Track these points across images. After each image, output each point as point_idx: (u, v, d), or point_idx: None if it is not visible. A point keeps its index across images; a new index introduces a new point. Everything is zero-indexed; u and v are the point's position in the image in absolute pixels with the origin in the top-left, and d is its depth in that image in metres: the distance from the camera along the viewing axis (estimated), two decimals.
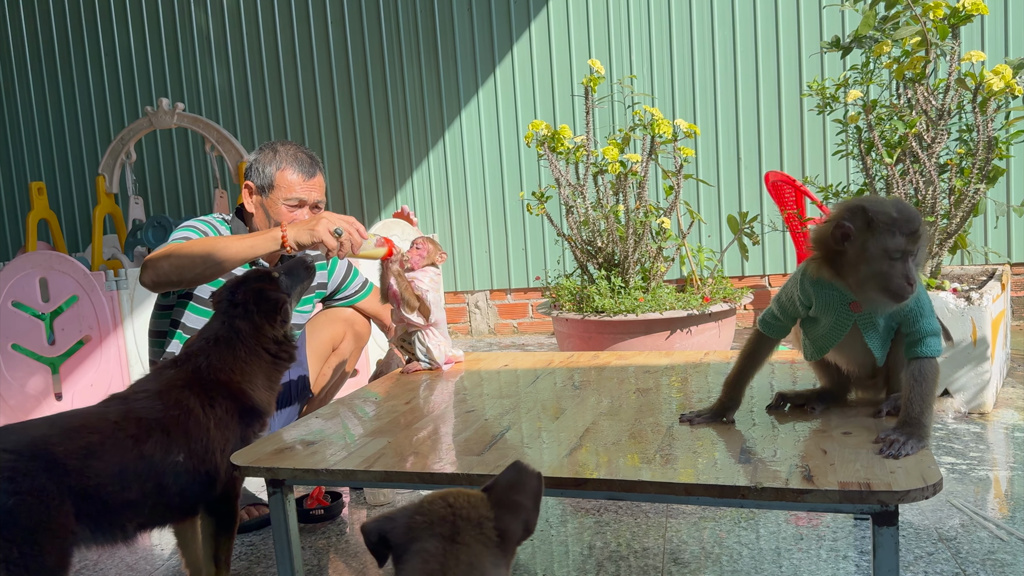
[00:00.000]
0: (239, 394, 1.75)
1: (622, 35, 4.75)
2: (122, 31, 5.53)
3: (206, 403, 1.70)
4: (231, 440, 1.72)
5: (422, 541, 0.93)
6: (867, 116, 2.91)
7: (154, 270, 1.96)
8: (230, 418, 1.72)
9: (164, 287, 2.00)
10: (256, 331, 1.80)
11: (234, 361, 1.77)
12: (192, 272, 1.96)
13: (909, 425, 1.35)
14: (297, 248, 1.98)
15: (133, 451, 1.56)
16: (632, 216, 3.16)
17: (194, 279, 1.98)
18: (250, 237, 1.98)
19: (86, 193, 5.72)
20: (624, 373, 2.05)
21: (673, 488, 1.28)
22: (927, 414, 1.36)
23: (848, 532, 1.99)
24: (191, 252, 1.95)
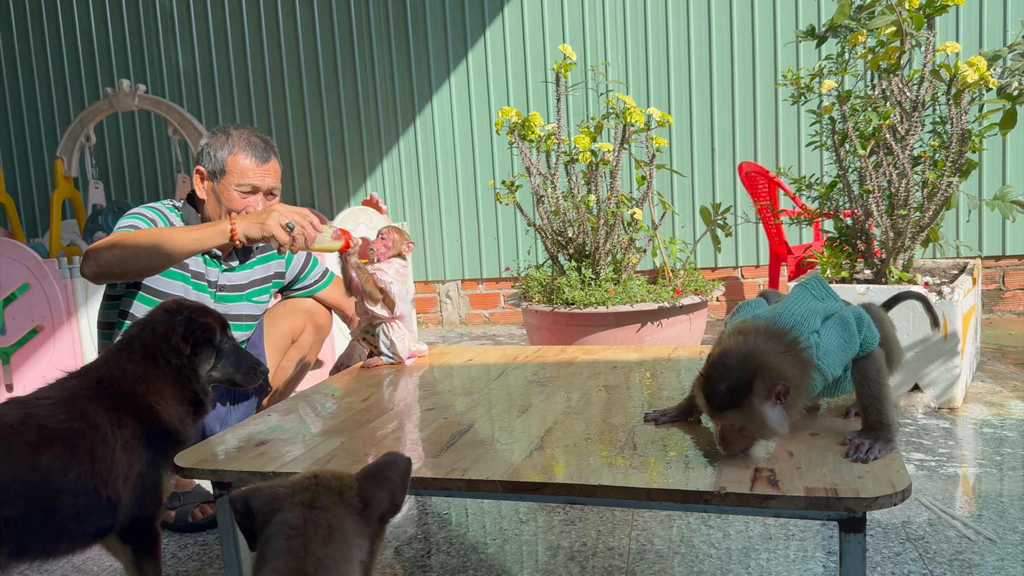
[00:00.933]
0: (147, 411, 1.60)
1: (596, 20, 4.67)
2: (82, 9, 5.36)
3: (115, 421, 1.54)
4: (136, 466, 1.56)
5: (283, 512, 0.93)
6: (841, 107, 2.87)
7: (96, 261, 1.87)
8: (138, 441, 1.56)
9: (107, 279, 1.91)
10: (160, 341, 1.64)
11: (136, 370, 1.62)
12: (136, 265, 1.87)
13: (874, 428, 1.31)
14: (247, 242, 1.88)
15: (27, 461, 1.41)
16: (603, 206, 3.10)
17: (138, 272, 1.89)
18: (197, 229, 1.89)
19: (45, 177, 5.56)
20: (591, 368, 2.00)
21: (634, 493, 1.22)
22: (887, 412, 1.30)
23: (816, 531, 1.95)
24: (136, 243, 1.86)
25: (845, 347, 1.33)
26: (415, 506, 2.24)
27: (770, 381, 1.25)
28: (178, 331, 1.65)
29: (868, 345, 1.33)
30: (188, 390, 1.66)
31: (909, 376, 2.83)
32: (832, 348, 1.32)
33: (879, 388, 1.32)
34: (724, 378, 1.26)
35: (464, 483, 1.30)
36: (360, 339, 2.20)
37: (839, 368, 1.35)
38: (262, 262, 2.35)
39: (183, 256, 1.89)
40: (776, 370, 1.26)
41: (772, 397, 1.25)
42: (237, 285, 2.29)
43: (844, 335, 1.33)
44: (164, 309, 1.70)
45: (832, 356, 1.32)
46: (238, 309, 2.29)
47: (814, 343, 1.32)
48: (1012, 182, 4.30)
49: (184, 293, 2.18)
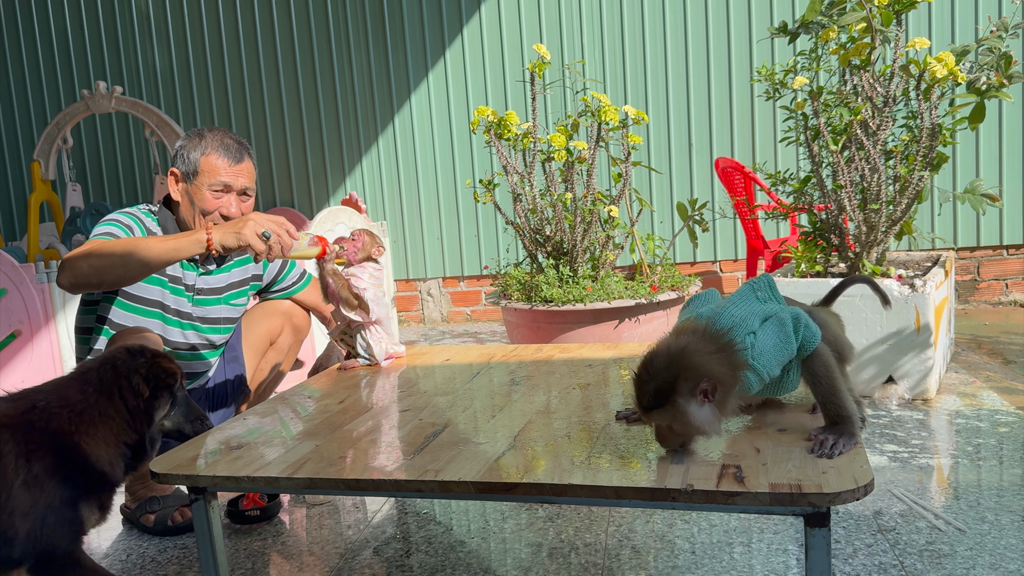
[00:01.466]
0: (70, 448, 1.50)
1: (573, 19, 4.69)
2: (57, 10, 5.32)
3: (25, 454, 1.44)
4: (42, 503, 1.46)
5: None
6: (813, 103, 2.90)
7: (72, 271, 1.86)
8: (50, 477, 1.47)
9: (83, 289, 1.91)
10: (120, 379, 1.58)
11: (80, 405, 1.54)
12: (112, 274, 1.87)
13: (835, 423, 1.33)
14: (223, 251, 1.89)
15: None
16: (580, 204, 3.12)
17: (114, 281, 1.89)
18: (173, 239, 1.89)
19: (22, 180, 5.51)
20: (567, 367, 2.01)
21: (603, 492, 1.24)
22: (845, 405, 1.32)
23: (790, 524, 1.98)
24: (112, 252, 1.86)
25: (782, 348, 1.35)
26: (395, 506, 2.25)
27: (695, 380, 1.28)
28: (140, 372, 1.60)
29: (808, 344, 1.35)
30: (135, 433, 1.59)
31: (883, 368, 2.87)
32: (767, 349, 1.35)
33: (831, 383, 1.34)
34: (651, 379, 1.30)
35: (437, 485, 1.32)
36: (338, 340, 2.21)
37: (776, 368, 1.37)
38: (239, 265, 2.35)
39: (159, 266, 1.89)
40: (702, 369, 1.28)
41: (698, 395, 1.28)
42: (214, 288, 2.29)
43: (780, 336, 1.35)
44: (127, 349, 1.64)
45: (767, 356, 1.35)
46: (216, 312, 2.29)
47: (749, 344, 1.34)
48: (985, 175, 4.35)
49: (162, 298, 2.18)
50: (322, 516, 2.23)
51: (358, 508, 2.27)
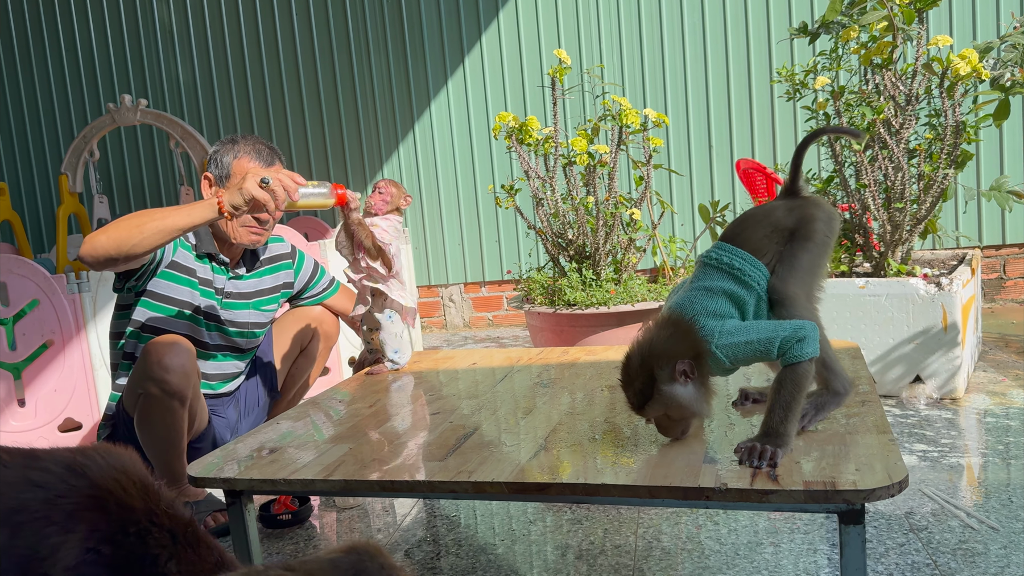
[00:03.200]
0: None
1: (591, 23, 4.70)
2: (83, 25, 5.41)
3: None
4: None
5: None
6: (835, 102, 2.90)
7: (92, 245, 1.88)
8: None
9: (104, 262, 1.91)
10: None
11: None
12: (129, 243, 1.86)
13: (769, 434, 1.31)
14: (233, 211, 1.87)
15: None
16: (602, 207, 3.13)
17: (132, 249, 1.87)
18: (188, 206, 1.90)
19: (50, 193, 5.60)
20: (594, 369, 2.02)
21: (637, 491, 1.25)
22: (788, 424, 1.31)
23: (821, 524, 1.98)
24: (128, 223, 1.87)
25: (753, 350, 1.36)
26: (424, 509, 2.27)
27: (670, 364, 1.34)
28: None
29: (793, 358, 1.34)
30: None
31: (910, 367, 2.85)
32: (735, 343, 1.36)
33: (792, 400, 1.33)
34: (633, 379, 1.37)
35: (470, 485, 1.33)
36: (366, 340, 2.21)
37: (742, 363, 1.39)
38: (270, 272, 2.38)
39: (175, 232, 1.88)
40: (672, 352, 1.35)
41: (679, 377, 1.35)
42: (243, 293, 2.32)
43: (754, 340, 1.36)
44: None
45: (732, 349, 1.37)
46: (243, 317, 2.33)
47: (712, 328, 1.37)
48: (1009, 172, 4.31)
49: (191, 299, 2.22)
50: (352, 520, 2.25)
51: (387, 512, 2.28)
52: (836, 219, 1.50)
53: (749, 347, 1.37)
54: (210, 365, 2.31)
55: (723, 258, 1.46)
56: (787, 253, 1.45)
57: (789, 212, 1.48)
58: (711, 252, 1.49)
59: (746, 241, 1.46)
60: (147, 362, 2.03)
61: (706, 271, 1.48)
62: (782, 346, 1.35)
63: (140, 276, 2.14)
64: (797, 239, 1.46)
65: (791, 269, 1.44)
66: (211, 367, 2.32)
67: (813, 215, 1.46)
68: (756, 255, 1.44)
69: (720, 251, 1.47)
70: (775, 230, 1.47)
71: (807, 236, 1.45)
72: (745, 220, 1.51)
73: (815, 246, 1.45)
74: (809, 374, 1.35)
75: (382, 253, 2.04)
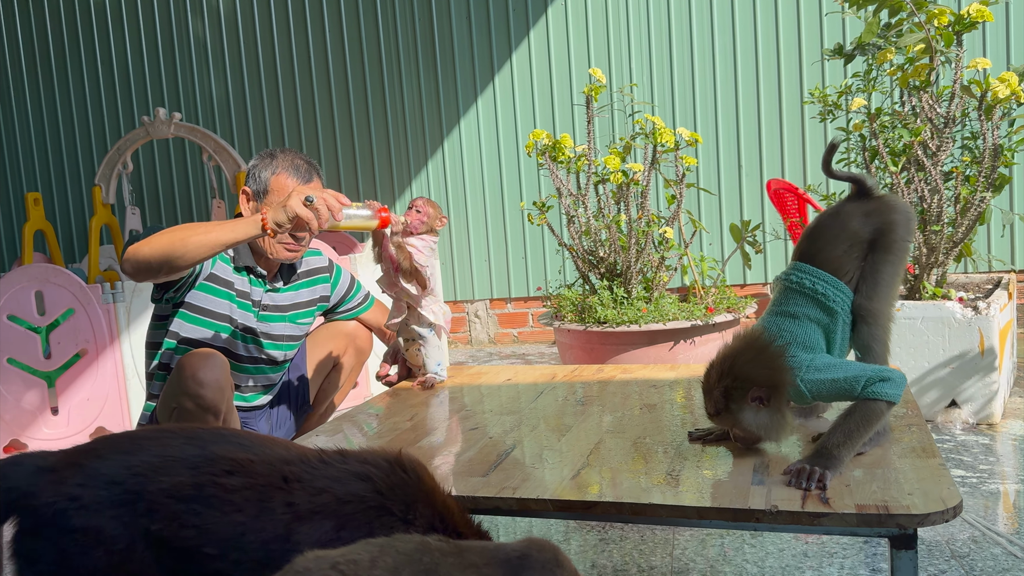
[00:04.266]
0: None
1: (621, 43, 4.72)
2: (118, 39, 5.50)
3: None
4: None
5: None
6: (871, 124, 2.89)
7: (135, 255, 1.89)
8: None
9: (145, 274, 1.92)
10: None
11: None
12: (172, 256, 1.87)
13: (822, 455, 1.30)
14: (277, 228, 1.88)
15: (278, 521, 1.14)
16: (635, 226, 3.13)
17: (175, 262, 1.87)
18: (232, 222, 1.92)
19: (82, 204, 5.68)
20: (629, 388, 2.02)
21: (685, 512, 1.24)
22: (844, 450, 1.31)
23: (859, 549, 1.95)
24: (171, 236, 1.88)
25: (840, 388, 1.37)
26: None
27: (745, 388, 1.36)
28: None
29: (872, 393, 1.33)
30: None
31: (945, 392, 2.82)
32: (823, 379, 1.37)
33: (857, 430, 1.33)
34: (711, 388, 1.40)
35: (515, 502, 1.33)
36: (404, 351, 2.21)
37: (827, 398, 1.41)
38: (307, 285, 2.40)
39: (218, 247, 1.88)
40: (751, 377, 1.36)
41: (751, 402, 1.37)
42: (280, 306, 2.34)
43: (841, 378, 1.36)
44: None
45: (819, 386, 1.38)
46: (279, 329, 2.34)
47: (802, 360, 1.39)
48: None
49: (229, 312, 2.23)
50: None
51: None
52: (914, 218, 1.49)
53: (834, 385, 1.37)
54: (244, 377, 2.32)
55: (805, 282, 1.44)
56: (869, 268, 1.44)
57: (866, 219, 1.46)
58: (792, 275, 1.47)
59: (826, 261, 1.45)
60: (182, 376, 2.03)
61: (788, 295, 1.46)
62: (865, 384, 1.34)
63: (179, 288, 2.16)
64: (878, 251, 1.44)
65: (875, 286, 1.43)
66: (245, 379, 2.33)
67: (892, 221, 1.44)
68: (837, 274, 1.43)
69: (802, 274, 1.46)
70: (853, 243, 1.45)
71: (888, 247, 1.44)
72: (821, 233, 1.49)
73: (896, 258, 1.44)
74: (881, 413, 1.34)
75: (417, 274, 2.05)
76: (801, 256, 1.49)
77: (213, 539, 1.14)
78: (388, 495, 1.16)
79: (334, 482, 1.17)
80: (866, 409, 1.34)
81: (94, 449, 1.22)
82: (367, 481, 1.17)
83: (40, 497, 1.17)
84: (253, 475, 1.17)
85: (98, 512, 1.16)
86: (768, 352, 1.38)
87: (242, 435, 1.25)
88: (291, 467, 1.19)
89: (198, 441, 1.22)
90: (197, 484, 1.16)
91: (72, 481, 1.18)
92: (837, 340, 1.44)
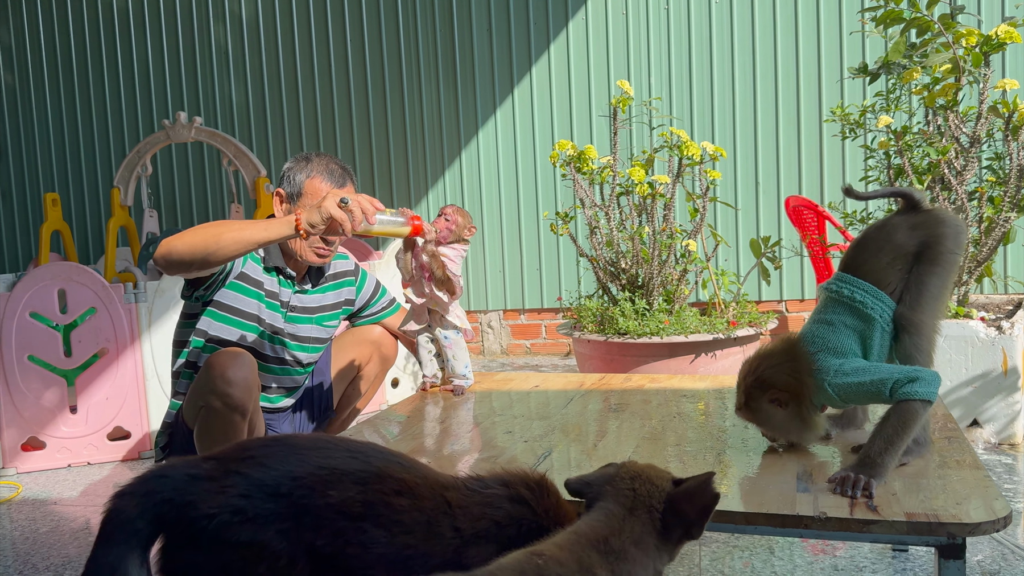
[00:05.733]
0: None
1: (641, 58, 4.75)
2: (139, 43, 5.54)
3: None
4: None
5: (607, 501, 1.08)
6: (898, 142, 2.90)
7: (168, 248, 1.90)
8: None
9: (177, 268, 1.93)
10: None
11: None
12: (205, 251, 1.87)
13: (865, 464, 1.30)
14: (311, 229, 1.88)
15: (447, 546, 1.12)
16: (658, 238, 3.14)
17: (207, 258, 1.88)
18: (265, 221, 1.92)
19: (99, 205, 5.70)
20: (660, 396, 2.02)
21: (732, 517, 1.24)
22: (888, 456, 1.31)
23: (888, 564, 1.94)
24: (205, 231, 1.89)
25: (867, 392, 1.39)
26: None
27: (765, 389, 1.43)
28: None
29: (904, 394, 1.34)
30: None
31: (967, 411, 2.81)
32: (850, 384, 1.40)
33: (896, 434, 1.32)
34: (741, 383, 1.48)
35: None
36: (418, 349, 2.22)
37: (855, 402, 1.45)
38: (334, 288, 2.40)
39: (252, 245, 1.89)
40: (771, 380, 1.43)
41: (771, 403, 1.44)
42: (307, 308, 2.34)
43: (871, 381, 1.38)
44: None
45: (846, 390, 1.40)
46: (306, 331, 2.34)
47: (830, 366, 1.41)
48: None
49: (258, 311, 2.24)
50: None
51: None
52: (963, 232, 1.48)
53: (861, 388, 1.39)
54: (270, 378, 2.33)
55: (844, 291, 1.46)
56: (914, 279, 1.44)
57: (912, 232, 1.46)
58: (832, 284, 1.49)
59: (869, 272, 1.46)
60: (210, 375, 2.03)
61: (829, 304, 1.48)
62: (894, 387, 1.35)
63: (210, 285, 2.17)
64: (924, 262, 1.44)
65: (919, 296, 1.43)
66: (270, 380, 2.33)
67: (940, 234, 1.44)
68: (879, 285, 1.44)
69: (841, 283, 1.47)
70: (897, 256, 1.45)
71: (934, 259, 1.44)
72: (866, 246, 1.50)
73: (943, 270, 1.44)
74: (918, 414, 1.33)
75: (449, 283, 2.06)
76: (845, 267, 1.50)
77: (380, 561, 1.10)
78: (544, 517, 1.16)
79: (488, 507, 1.16)
80: (902, 412, 1.34)
81: (251, 457, 1.16)
82: (523, 504, 1.16)
83: (200, 508, 1.10)
84: (419, 497, 1.14)
85: (263, 525, 1.10)
86: (795, 358, 1.44)
87: (395, 453, 1.22)
88: (449, 492, 1.17)
89: (361, 455, 1.18)
90: (367, 502, 1.12)
91: (234, 491, 1.11)
92: (875, 347, 1.45)
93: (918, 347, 1.43)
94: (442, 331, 2.15)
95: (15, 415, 3.15)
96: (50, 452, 3.19)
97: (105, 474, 3.11)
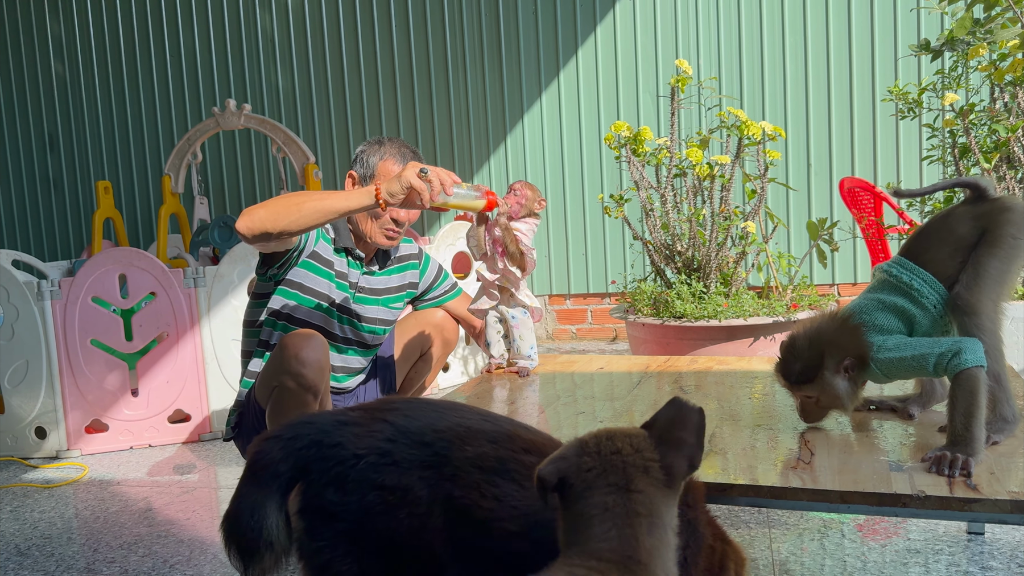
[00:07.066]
0: None
1: (690, 40, 4.70)
2: (187, 32, 5.60)
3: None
4: None
5: (599, 493, 0.95)
6: (964, 120, 2.84)
7: (250, 216, 1.92)
8: None
9: (259, 236, 1.94)
10: None
11: None
12: (287, 219, 1.89)
13: (956, 443, 1.30)
14: (390, 199, 1.90)
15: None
16: (716, 220, 3.11)
17: (288, 226, 1.90)
18: (346, 192, 1.94)
19: (150, 193, 5.79)
20: (732, 378, 2.00)
21: (828, 496, 1.23)
22: (973, 428, 1.30)
23: (964, 547, 1.92)
24: (287, 200, 1.92)
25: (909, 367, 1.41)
26: None
27: (839, 357, 1.43)
28: None
29: (955, 367, 1.33)
30: None
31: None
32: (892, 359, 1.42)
33: (968, 402, 1.31)
34: (798, 358, 1.46)
35: None
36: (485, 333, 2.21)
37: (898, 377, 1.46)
38: (399, 271, 2.42)
39: (332, 214, 1.91)
40: (845, 348, 1.44)
41: (841, 371, 1.44)
42: (374, 289, 2.36)
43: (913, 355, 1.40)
44: None
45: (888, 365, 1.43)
46: (373, 312, 2.36)
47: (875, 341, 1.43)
48: None
49: (328, 291, 2.26)
50: None
51: None
52: None
53: (903, 363, 1.42)
54: (337, 358, 2.35)
55: (903, 276, 1.47)
56: (972, 261, 1.42)
57: (975, 223, 1.44)
58: (890, 267, 1.49)
59: (928, 262, 1.46)
60: (284, 355, 2.06)
61: (883, 286, 1.50)
62: (939, 361, 1.36)
63: (283, 264, 2.19)
64: (984, 244, 1.42)
65: (976, 277, 1.41)
66: (338, 360, 2.35)
67: (1004, 219, 1.42)
68: (939, 277, 1.44)
69: (900, 268, 1.48)
70: (959, 248, 1.44)
71: (994, 243, 1.42)
72: (929, 235, 1.49)
73: (1004, 252, 1.41)
74: (978, 379, 1.33)
75: (522, 258, 2.05)
76: (906, 253, 1.50)
77: (514, 514, 1.11)
78: None
79: None
80: (963, 384, 1.33)
81: (396, 408, 1.20)
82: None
83: (348, 448, 1.14)
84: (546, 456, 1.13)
85: (408, 470, 1.13)
86: (851, 327, 1.46)
87: (519, 422, 1.24)
88: None
89: (492, 419, 1.21)
90: (499, 458, 1.14)
91: (382, 435, 1.15)
92: (922, 331, 1.46)
93: (980, 327, 1.40)
94: (509, 310, 2.15)
95: (79, 398, 3.22)
96: (113, 434, 3.26)
97: (167, 456, 3.17)
